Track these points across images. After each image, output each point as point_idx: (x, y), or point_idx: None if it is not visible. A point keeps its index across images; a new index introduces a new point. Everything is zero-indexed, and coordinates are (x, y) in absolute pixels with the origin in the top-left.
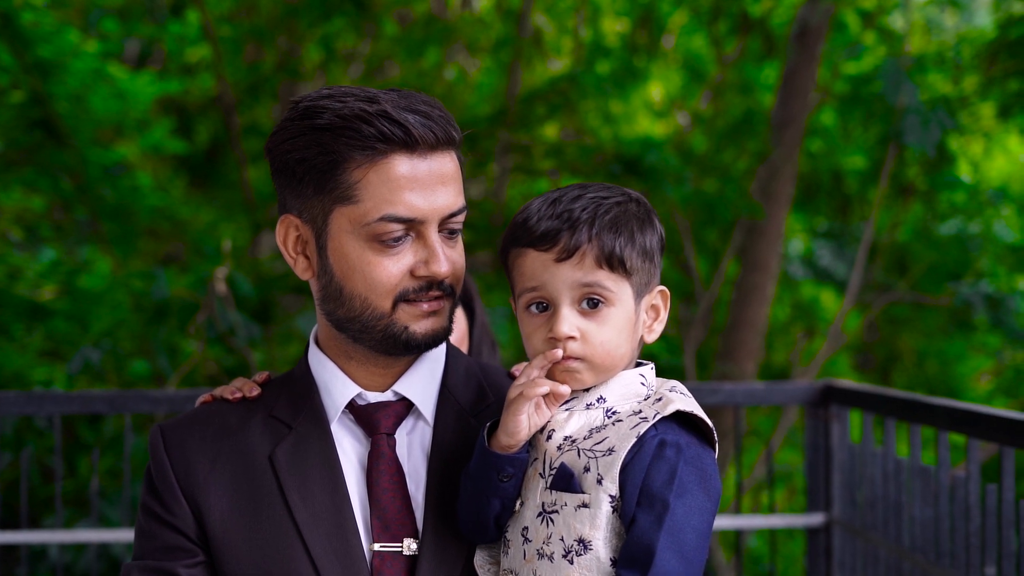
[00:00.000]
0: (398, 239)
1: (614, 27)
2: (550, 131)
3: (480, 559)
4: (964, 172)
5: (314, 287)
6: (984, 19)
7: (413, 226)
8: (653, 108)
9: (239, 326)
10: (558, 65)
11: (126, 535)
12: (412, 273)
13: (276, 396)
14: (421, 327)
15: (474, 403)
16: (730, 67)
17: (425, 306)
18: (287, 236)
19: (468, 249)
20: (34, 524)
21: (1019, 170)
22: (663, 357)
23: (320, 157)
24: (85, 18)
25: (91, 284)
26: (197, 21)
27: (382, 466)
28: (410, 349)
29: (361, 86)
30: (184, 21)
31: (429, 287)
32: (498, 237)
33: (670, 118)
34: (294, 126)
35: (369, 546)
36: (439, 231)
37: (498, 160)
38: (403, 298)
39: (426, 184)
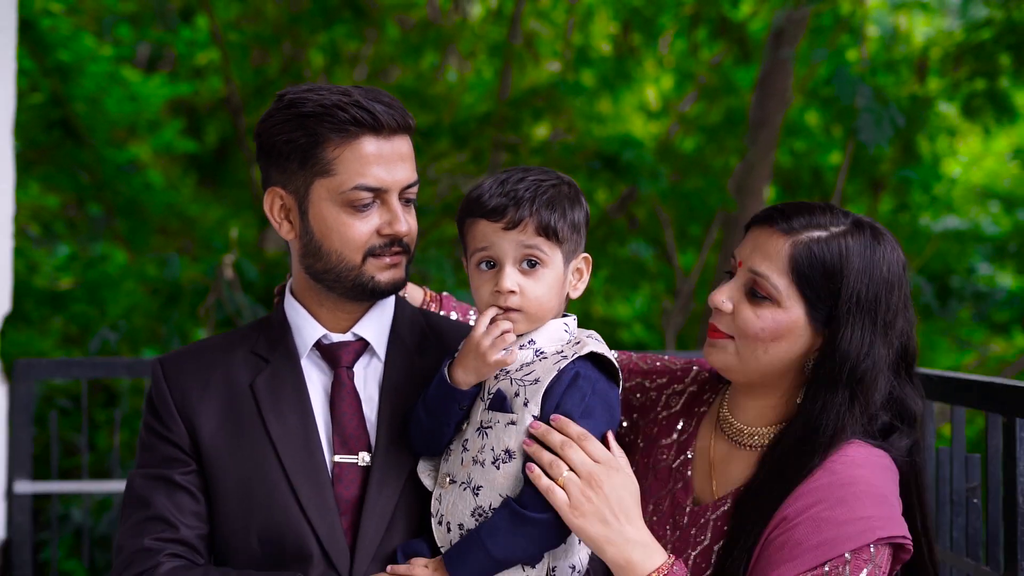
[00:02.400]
0: (367, 205)
1: (606, 30)
2: (541, 131)
3: (422, 467)
4: (955, 169)
5: (295, 246)
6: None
7: (379, 194)
8: (648, 109)
9: (245, 308)
10: (552, 67)
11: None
12: (378, 232)
13: (256, 336)
14: (384, 276)
15: (418, 344)
16: (712, 70)
17: (388, 259)
18: (273, 205)
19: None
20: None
21: (1005, 169)
22: (645, 341)
23: (304, 138)
24: (99, 24)
25: (109, 270)
26: (206, 26)
27: (343, 393)
28: (375, 295)
29: (335, 84)
30: (194, 26)
31: (391, 244)
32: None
33: (664, 119)
34: (280, 114)
35: (331, 458)
36: (399, 199)
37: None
38: (371, 253)
39: (389, 160)
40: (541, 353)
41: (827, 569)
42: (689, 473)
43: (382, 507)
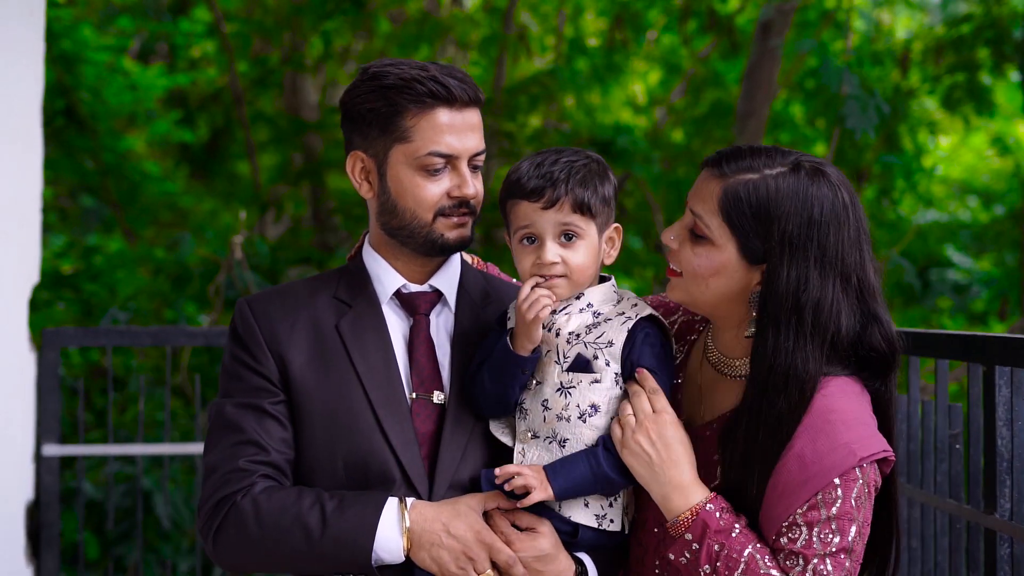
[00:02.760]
0: (439, 170)
1: (596, 25)
2: (535, 120)
3: (495, 425)
4: (935, 164)
5: (373, 204)
6: (938, 18)
7: (450, 160)
8: (634, 103)
9: (253, 287)
10: (539, 63)
11: (170, 448)
12: (448, 194)
13: (336, 282)
14: (452, 234)
15: (482, 298)
16: (701, 63)
17: (456, 219)
18: (355, 167)
19: None
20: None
21: (980, 162)
22: None
23: (385, 107)
24: (98, 15)
25: (108, 258)
26: (204, 18)
27: (420, 337)
28: (444, 251)
29: (415, 60)
30: (192, 18)
31: (459, 205)
32: (487, 216)
33: (650, 112)
34: (365, 85)
35: (410, 394)
36: (467, 165)
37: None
38: (441, 213)
39: (460, 130)
40: (599, 314)
41: (820, 497)
42: (679, 396)
43: (457, 441)
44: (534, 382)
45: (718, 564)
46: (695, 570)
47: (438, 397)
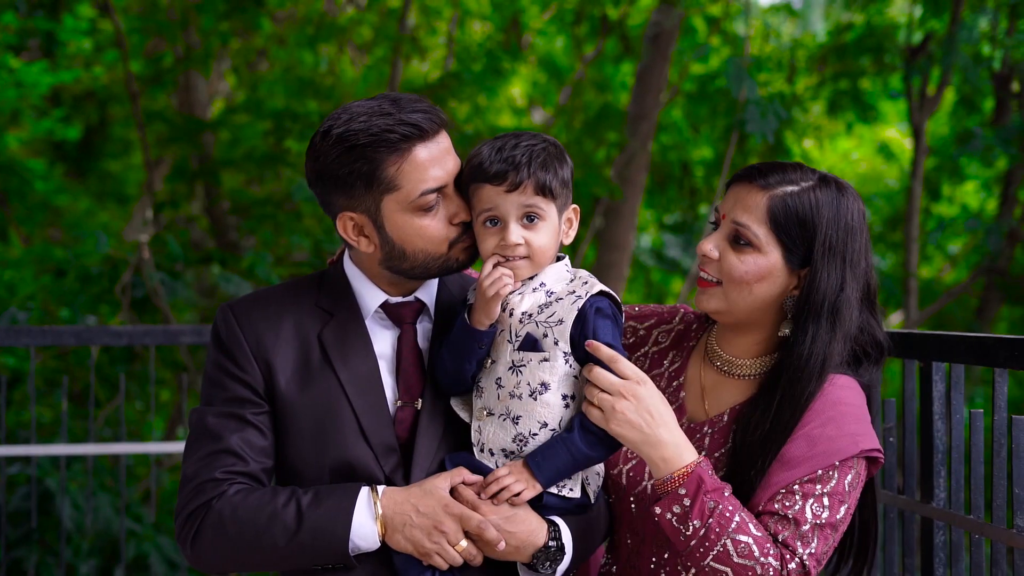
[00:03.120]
0: (434, 204)
1: (482, 30)
2: None
3: (455, 402)
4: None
5: (374, 255)
6: (819, 26)
7: (440, 191)
8: (514, 106)
9: (161, 286)
10: (424, 67)
11: (66, 449)
12: (450, 222)
13: (318, 290)
14: (465, 256)
15: (462, 301)
16: (589, 66)
17: (467, 242)
18: (346, 227)
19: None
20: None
21: (848, 166)
22: None
23: (365, 166)
24: None
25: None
26: (87, 15)
27: (409, 346)
28: (459, 270)
29: (369, 99)
30: (76, 15)
31: (466, 228)
32: None
33: (528, 116)
34: (334, 150)
35: (394, 401)
36: (454, 189)
37: None
38: (454, 243)
39: (440, 159)
40: (552, 293)
41: (819, 473)
42: (682, 395)
43: (429, 444)
44: (489, 361)
45: (710, 521)
46: (684, 524)
47: (418, 403)
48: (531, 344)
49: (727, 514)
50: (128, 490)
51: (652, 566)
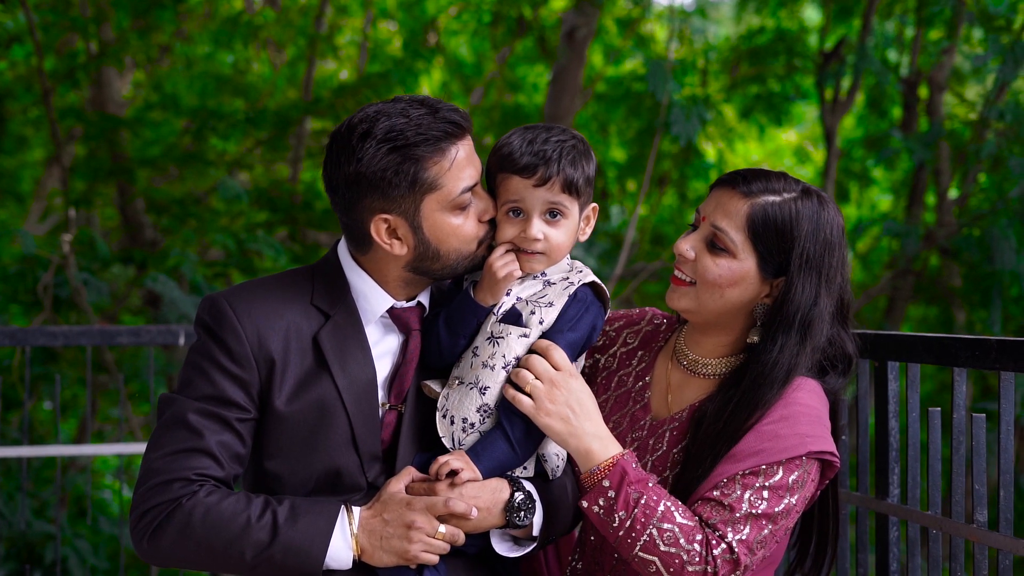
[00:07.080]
0: (469, 202)
1: (393, 31)
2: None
3: (432, 381)
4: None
5: (407, 257)
6: (728, 29)
7: (472, 189)
8: None
9: (83, 286)
10: (329, 65)
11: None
12: (480, 220)
13: (311, 286)
14: (485, 253)
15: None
16: (503, 66)
17: (489, 239)
18: (379, 230)
19: (270, 228)
20: None
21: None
22: None
23: (410, 165)
24: None
25: None
26: None
27: (414, 353)
28: (478, 269)
29: (391, 101)
30: None
31: (491, 227)
32: (294, 215)
33: None
34: (379, 150)
35: (381, 405)
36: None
37: (295, 146)
38: (482, 242)
39: (472, 158)
40: (548, 282)
41: (763, 467)
42: (648, 394)
43: (409, 449)
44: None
45: (635, 512)
46: (610, 516)
47: (404, 407)
48: (514, 318)
49: (652, 504)
50: (43, 494)
51: (615, 562)
